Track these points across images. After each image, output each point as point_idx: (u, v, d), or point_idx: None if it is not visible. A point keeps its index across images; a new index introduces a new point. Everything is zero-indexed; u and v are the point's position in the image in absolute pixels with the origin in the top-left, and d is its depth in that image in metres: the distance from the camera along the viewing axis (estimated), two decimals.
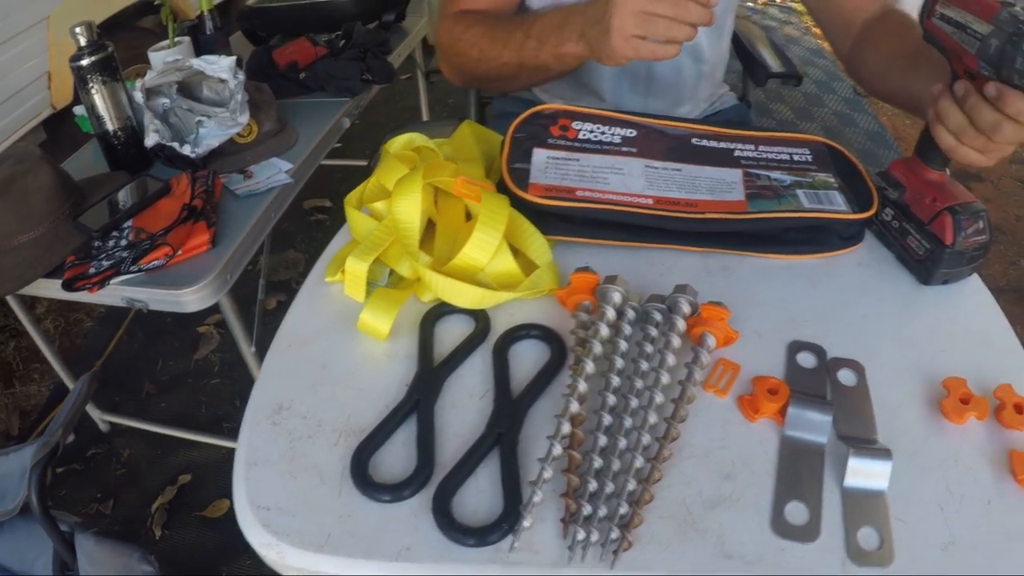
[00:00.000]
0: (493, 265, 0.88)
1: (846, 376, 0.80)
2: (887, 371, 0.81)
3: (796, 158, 1.03)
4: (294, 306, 0.93)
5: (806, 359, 0.82)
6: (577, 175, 0.94)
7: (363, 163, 2.33)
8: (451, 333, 0.86)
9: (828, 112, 4.04)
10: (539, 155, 0.97)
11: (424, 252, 0.91)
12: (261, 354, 1.22)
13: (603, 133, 1.01)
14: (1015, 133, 0.82)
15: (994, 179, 3.75)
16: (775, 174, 0.99)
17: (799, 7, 5.65)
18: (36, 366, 2.51)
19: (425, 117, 2.91)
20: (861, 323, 0.88)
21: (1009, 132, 0.82)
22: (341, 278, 0.91)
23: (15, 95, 2.60)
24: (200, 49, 2.14)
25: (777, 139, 1.07)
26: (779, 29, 5.19)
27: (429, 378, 0.79)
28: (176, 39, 2.08)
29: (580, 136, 1.00)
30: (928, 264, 0.92)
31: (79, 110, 1.79)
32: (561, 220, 0.93)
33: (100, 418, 2.24)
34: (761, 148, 1.04)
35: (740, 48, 1.81)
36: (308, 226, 2.92)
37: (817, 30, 5.10)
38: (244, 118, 1.69)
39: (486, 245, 0.86)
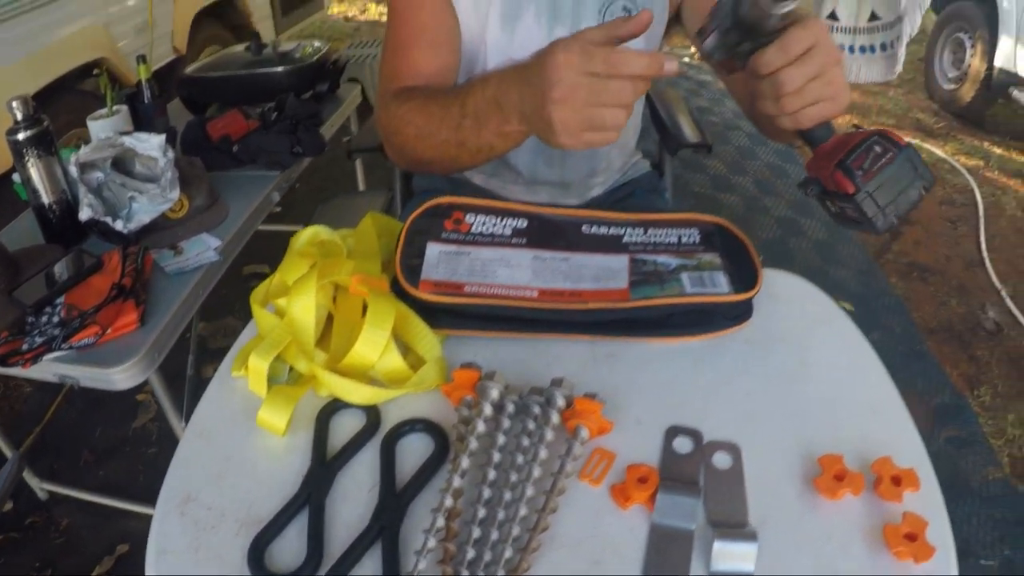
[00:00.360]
0: (382, 363, 0.92)
1: (721, 459, 0.83)
2: (766, 450, 0.84)
3: (684, 239, 1.08)
4: (205, 396, 0.97)
5: (682, 444, 0.85)
6: (467, 269, 0.99)
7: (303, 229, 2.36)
8: (345, 427, 0.89)
9: (760, 164, 4.14)
10: (432, 250, 1.01)
11: (323, 348, 0.95)
12: None
13: (495, 225, 1.06)
14: (794, 77, 0.85)
15: (924, 221, 3.85)
16: (661, 258, 1.04)
17: None
18: None
19: (361, 185, 2.93)
20: (743, 402, 0.91)
21: (790, 81, 0.85)
22: (245, 373, 0.95)
23: None
24: (138, 118, 2.18)
25: (667, 221, 1.12)
26: (714, 83, 5.30)
27: (321, 472, 0.83)
28: (115, 107, 2.12)
29: (473, 229, 1.05)
30: (863, 219, 0.90)
31: (17, 177, 1.82)
32: (451, 315, 0.97)
33: (39, 486, 2.23)
34: (650, 231, 1.09)
35: (656, 117, 1.87)
36: (246, 292, 2.83)
37: None
38: (175, 194, 1.73)
39: (374, 344, 0.90)
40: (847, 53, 2.83)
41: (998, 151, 5.04)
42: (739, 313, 1.02)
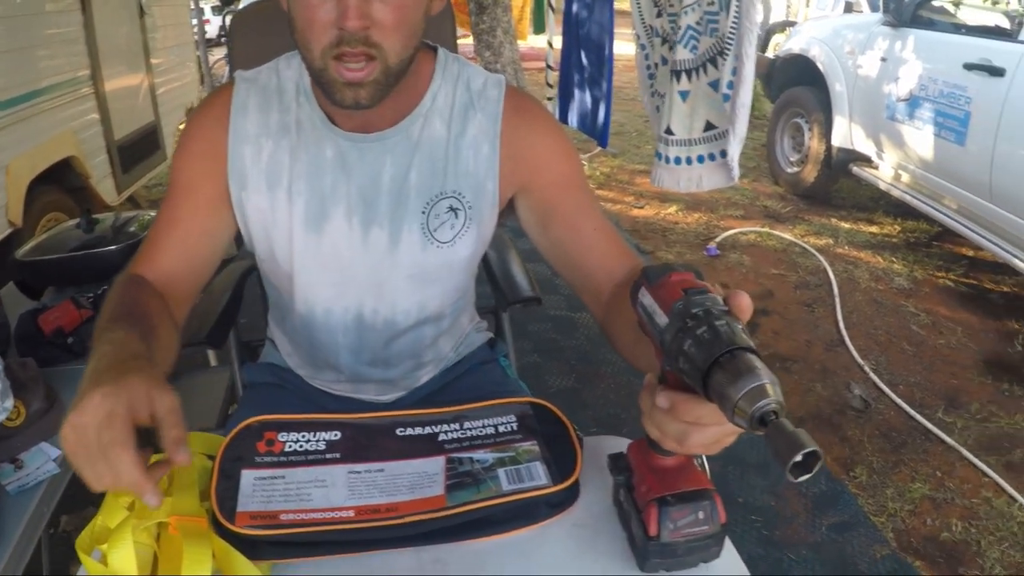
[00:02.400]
0: None
1: None
2: None
3: (501, 429, 1.11)
4: None
5: None
6: (282, 495, 0.98)
7: None
8: None
9: None
10: (246, 477, 1.01)
11: None
12: None
13: (308, 441, 1.06)
14: (703, 438, 0.76)
15: (780, 309, 3.99)
16: (478, 454, 1.06)
17: None
18: None
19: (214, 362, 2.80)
20: None
21: (696, 440, 0.76)
22: None
23: None
24: None
25: (483, 409, 1.14)
26: None
27: None
28: None
29: (286, 448, 1.05)
30: (640, 551, 0.91)
31: None
32: (272, 544, 0.96)
33: None
34: (466, 425, 1.11)
35: (491, 273, 1.86)
36: None
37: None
38: (9, 403, 1.68)
39: None
40: (685, 165, 2.95)
41: (846, 226, 5.31)
42: (563, 499, 1.03)
